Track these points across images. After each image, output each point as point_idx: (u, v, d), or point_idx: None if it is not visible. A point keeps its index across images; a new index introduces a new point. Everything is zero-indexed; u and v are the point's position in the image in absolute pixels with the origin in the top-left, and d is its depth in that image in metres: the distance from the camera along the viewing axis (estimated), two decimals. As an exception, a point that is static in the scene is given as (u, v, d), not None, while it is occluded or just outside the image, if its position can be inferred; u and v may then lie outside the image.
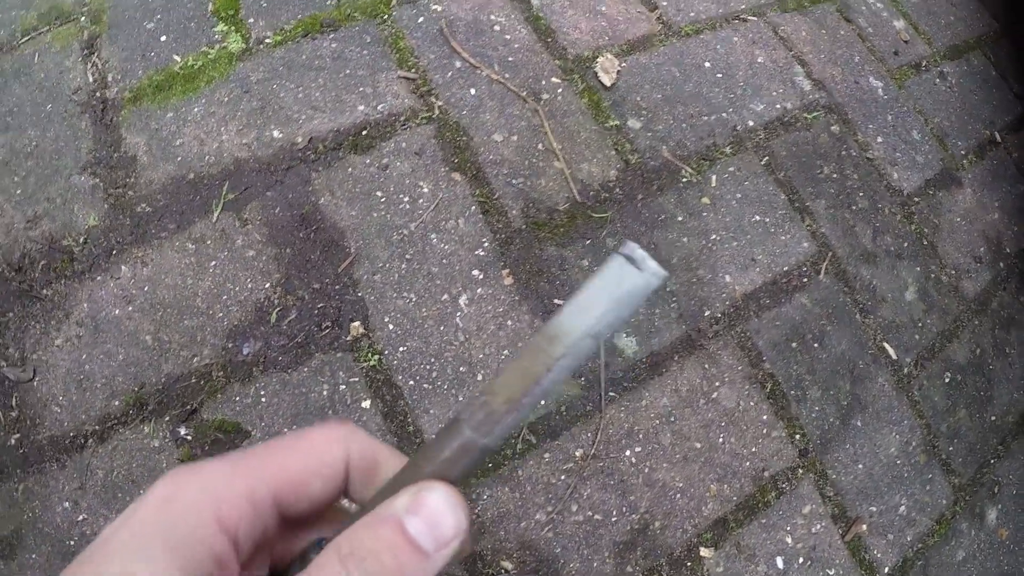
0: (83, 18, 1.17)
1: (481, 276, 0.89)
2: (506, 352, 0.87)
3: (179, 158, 0.97)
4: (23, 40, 1.18)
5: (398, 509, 0.22)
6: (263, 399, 0.87)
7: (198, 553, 0.21)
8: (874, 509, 1.04)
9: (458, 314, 0.87)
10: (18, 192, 1.02)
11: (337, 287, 0.88)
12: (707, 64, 1.11)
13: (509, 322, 0.88)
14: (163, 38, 1.09)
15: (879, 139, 1.18)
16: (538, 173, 0.94)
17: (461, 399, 0.86)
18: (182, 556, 0.21)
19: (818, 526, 1.00)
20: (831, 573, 0.96)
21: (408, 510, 0.22)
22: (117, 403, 0.91)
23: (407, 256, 0.89)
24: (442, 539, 0.22)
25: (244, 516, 0.23)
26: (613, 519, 0.89)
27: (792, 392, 1.00)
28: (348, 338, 0.86)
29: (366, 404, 0.85)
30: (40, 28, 1.19)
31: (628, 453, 0.90)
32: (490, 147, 0.95)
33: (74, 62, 1.10)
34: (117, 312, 0.93)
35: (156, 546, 0.21)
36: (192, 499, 0.22)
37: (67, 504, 0.89)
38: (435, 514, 0.22)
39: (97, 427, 0.91)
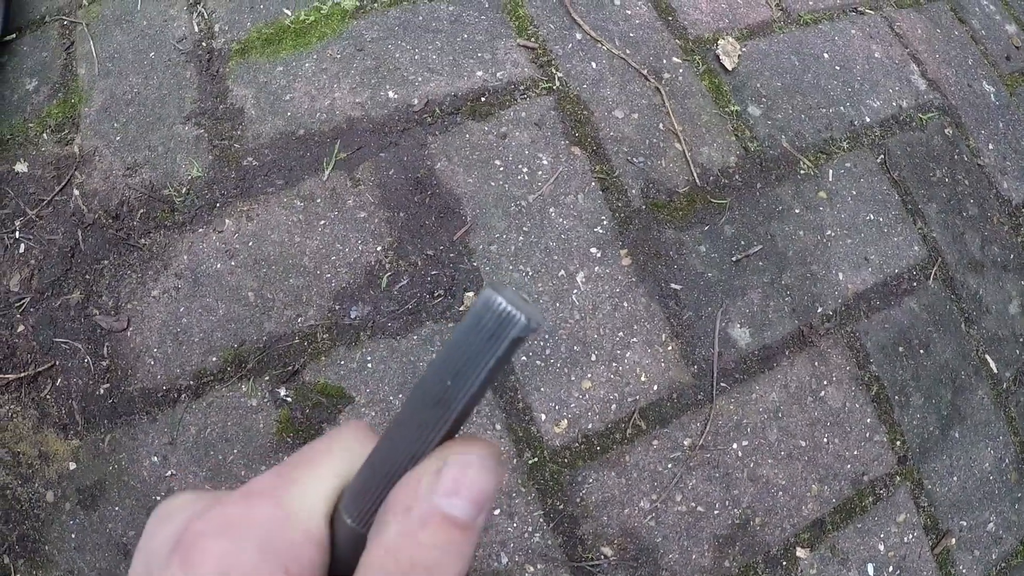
0: (185, -34, 1.15)
1: (599, 255, 0.87)
2: (620, 334, 0.85)
3: (288, 113, 0.95)
4: (121, -15, 1.15)
5: (429, 494, 0.19)
6: (369, 365, 0.85)
7: None
8: (964, 524, 1.02)
9: (575, 292, 0.85)
10: (117, 139, 1.01)
11: (451, 255, 0.86)
12: (825, 55, 1.08)
13: (625, 304, 0.86)
14: (271, -9, 1.06)
15: (990, 146, 1.15)
16: (658, 154, 0.92)
17: (573, 378, 0.84)
18: None
19: (910, 536, 0.97)
20: (923, 585, 0.94)
21: (440, 492, 0.19)
22: (214, 359, 0.89)
23: (524, 228, 0.87)
24: (483, 503, 0.20)
25: (312, 562, 0.20)
26: (715, 512, 0.87)
27: (896, 397, 0.97)
28: (461, 308, 0.84)
29: (476, 376, 0.83)
30: (139, -26, 1.16)
31: (735, 446, 0.88)
32: (611, 123, 0.92)
33: (179, 11, 1.07)
34: (219, 266, 0.92)
35: None
36: (256, 565, 0.19)
37: (155, 458, 0.88)
38: (470, 484, 0.20)
39: (192, 382, 0.89)
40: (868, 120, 1.05)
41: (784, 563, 0.90)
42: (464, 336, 0.19)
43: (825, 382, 0.93)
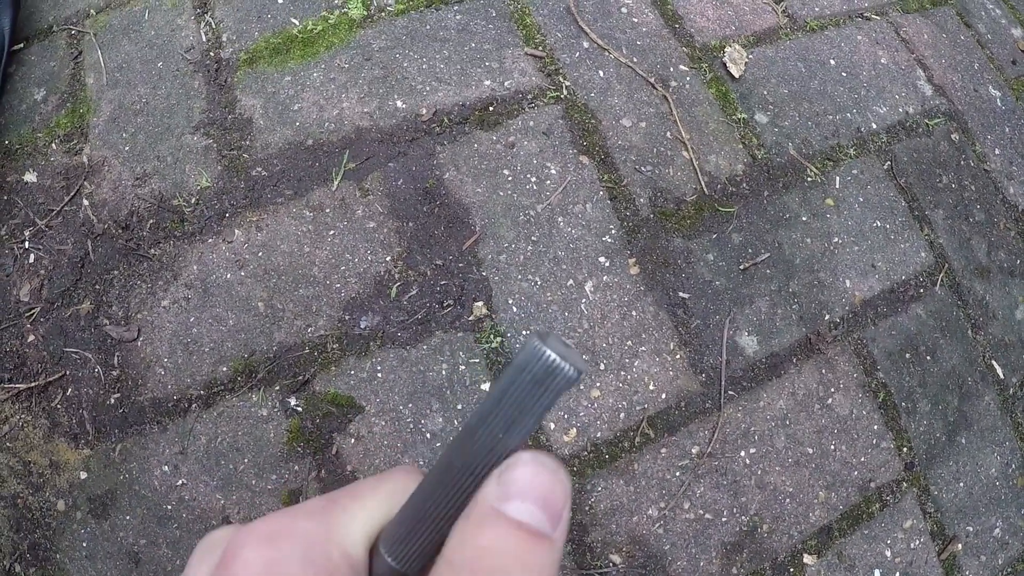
0: (192, -25, 1.15)
1: (607, 263, 0.87)
2: (629, 343, 0.86)
3: (297, 123, 0.95)
4: (128, -6, 1.16)
5: (490, 500, 0.18)
6: (379, 375, 0.85)
7: None
8: (971, 529, 1.02)
9: (583, 301, 0.85)
10: (126, 149, 1.01)
11: (461, 265, 0.86)
12: (832, 62, 1.08)
13: (634, 312, 0.86)
14: (280, 0, 1.06)
15: (996, 151, 1.15)
16: (666, 162, 0.92)
17: (582, 387, 0.84)
18: None
19: (916, 542, 0.98)
20: (931, 591, 0.94)
21: (502, 497, 0.18)
22: (225, 369, 0.90)
23: (533, 238, 0.87)
24: (556, 511, 0.18)
25: None
26: (723, 519, 0.87)
27: (903, 404, 0.97)
28: (470, 318, 0.85)
29: (485, 386, 0.83)
30: (146, -17, 1.16)
31: (743, 454, 0.88)
32: (618, 132, 0.92)
33: (186, 20, 1.08)
34: (228, 276, 0.92)
35: None
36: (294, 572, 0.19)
37: (166, 468, 0.88)
38: (535, 487, 0.18)
39: (202, 392, 0.90)
40: (875, 126, 1.06)
41: (791, 569, 0.90)
42: (511, 386, 0.19)
43: (832, 389, 0.93)
